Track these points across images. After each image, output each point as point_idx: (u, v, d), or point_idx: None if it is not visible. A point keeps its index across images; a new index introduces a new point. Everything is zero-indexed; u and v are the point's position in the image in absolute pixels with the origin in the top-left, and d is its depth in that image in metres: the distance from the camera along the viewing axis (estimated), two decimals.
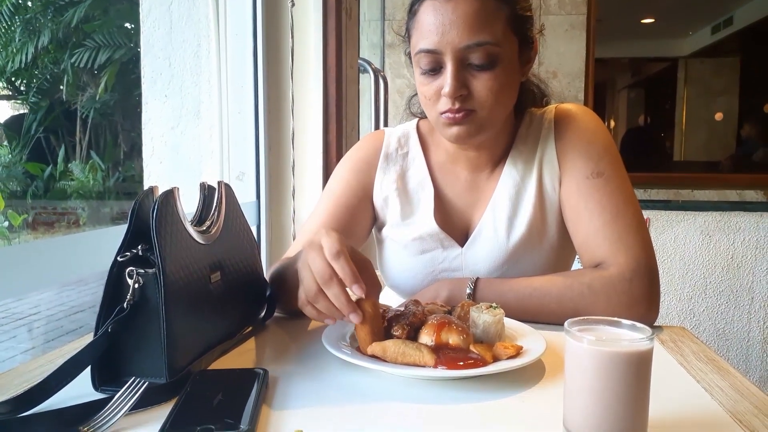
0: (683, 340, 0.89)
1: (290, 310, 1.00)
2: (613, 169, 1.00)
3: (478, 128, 0.97)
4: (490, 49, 0.93)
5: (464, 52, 0.93)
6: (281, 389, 0.69)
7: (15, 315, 4.95)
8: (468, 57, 0.93)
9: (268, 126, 1.74)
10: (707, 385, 0.71)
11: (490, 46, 0.92)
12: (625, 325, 0.60)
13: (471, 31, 0.91)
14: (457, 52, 0.93)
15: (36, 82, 10.05)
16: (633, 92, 5.95)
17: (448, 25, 0.92)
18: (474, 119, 0.96)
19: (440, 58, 0.94)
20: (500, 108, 0.98)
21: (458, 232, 1.09)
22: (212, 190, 0.86)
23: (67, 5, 9.58)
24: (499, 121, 1.01)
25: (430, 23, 0.94)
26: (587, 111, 1.08)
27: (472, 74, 0.94)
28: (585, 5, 3.08)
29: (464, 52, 0.93)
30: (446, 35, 0.92)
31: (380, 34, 3.15)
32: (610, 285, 0.93)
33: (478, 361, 0.71)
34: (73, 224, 8.79)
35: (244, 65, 1.71)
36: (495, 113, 0.97)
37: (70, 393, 0.65)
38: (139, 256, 0.69)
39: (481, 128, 0.98)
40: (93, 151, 9.93)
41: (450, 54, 0.93)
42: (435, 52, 0.94)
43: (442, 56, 0.94)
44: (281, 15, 1.76)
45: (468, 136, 0.98)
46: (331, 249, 0.73)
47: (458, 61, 0.93)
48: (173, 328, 0.68)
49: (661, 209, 2.91)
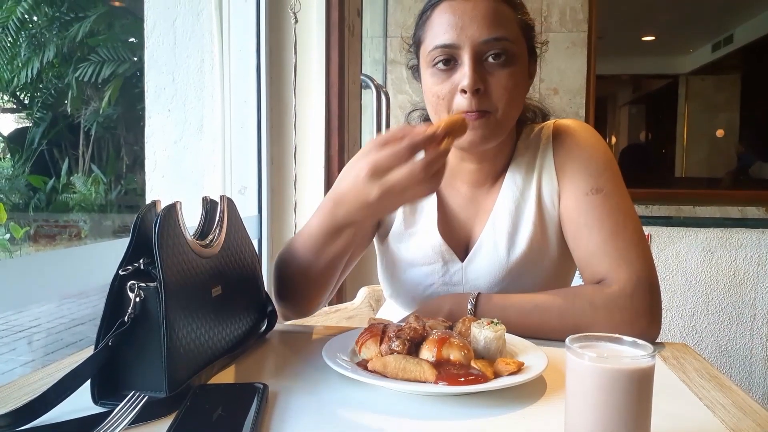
0: (685, 357, 0.89)
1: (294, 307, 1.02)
2: (612, 185, 1.00)
3: (492, 131, 0.97)
4: (507, 46, 0.94)
5: (483, 46, 0.94)
6: (281, 404, 0.69)
7: (15, 327, 4.94)
8: (485, 52, 0.94)
9: (270, 140, 1.75)
10: (709, 403, 0.71)
11: (508, 43, 0.94)
12: (626, 342, 0.60)
13: (490, 27, 0.93)
14: (476, 46, 0.93)
15: (40, 96, 10.12)
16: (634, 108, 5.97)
17: (467, 20, 0.94)
18: (489, 122, 0.95)
19: (457, 53, 0.95)
20: (513, 109, 0.99)
21: (459, 246, 1.09)
22: (214, 204, 0.87)
23: (73, 20, 9.67)
24: (509, 126, 1.01)
25: (448, 21, 0.95)
26: (585, 126, 1.08)
27: (489, 71, 0.95)
28: (586, 23, 3.11)
29: (483, 46, 0.94)
30: (465, 30, 0.94)
31: (383, 50, 3.18)
32: (612, 301, 0.92)
33: (479, 377, 0.71)
34: (75, 237, 8.80)
35: (247, 80, 1.72)
36: (509, 115, 0.98)
37: (69, 406, 0.65)
38: (140, 269, 0.69)
39: (495, 132, 0.97)
40: (95, 165, 9.97)
41: (469, 48, 0.93)
42: (453, 46, 0.94)
43: (459, 51, 0.94)
44: (284, 31, 1.78)
45: (482, 140, 0.97)
46: (372, 146, 0.77)
47: (477, 55, 0.94)
48: (174, 342, 0.68)
49: (662, 225, 2.91)
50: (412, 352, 0.76)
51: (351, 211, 0.83)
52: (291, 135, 1.80)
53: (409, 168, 0.75)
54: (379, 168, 0.76)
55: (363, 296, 1.56)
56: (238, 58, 1.72)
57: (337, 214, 0.86)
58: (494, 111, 0.95)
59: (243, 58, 1.72)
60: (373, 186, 0.77)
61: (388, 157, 0.75)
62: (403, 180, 0.75)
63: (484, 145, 0.99)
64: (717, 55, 5.24)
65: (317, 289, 1.02)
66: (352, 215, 0.84)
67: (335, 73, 1.83)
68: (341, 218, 0.86)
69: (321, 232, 0.91)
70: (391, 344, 0.76)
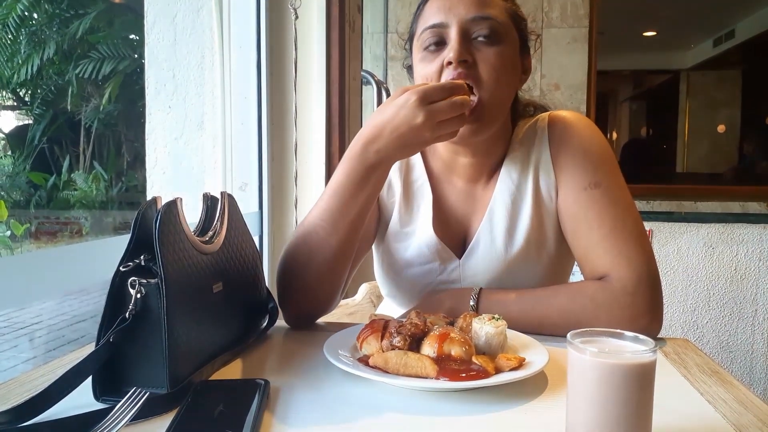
0: (687, 353, 0.89)
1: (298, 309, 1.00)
2: (610, 179, 0.99)
3: (480, 118, 0.96)
4: (494, 24, 0.96)
5: (470, 24, 0.96)
6: (282, 400, 0.69)
7: (17, 324, 4.95)
8: (473, 30, 0.96)
9: (271, 137, 1.74)
10: (711, 398, 0.71)
11: (495, 23, 0.96)
12: (627, 337, 0.59)
13: (478, 6, 0.97)
14: (463, 23, 0.96)
15: (41, 92, 10.11)
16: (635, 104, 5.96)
17: (456, 2, 0.97)
18: (475, 110, 0.95)
19: (446, 32, 0.97)
20: (501, 92, 0.98)
21: (455, 242, 1.08)
22: (215, 200, 0.87)
23: (73, 17, 9.65)
24: (498, 114, 1.00)
25: (438, 5, 0.98)
26: (581, 118, 1.07)
27: (476, 48, 0.96)
28: (587, 18, 3.10)
29: (470, 24, 0.96)
30: (453, 9, 0.97)
31: (383, 46, 3.17)
32: (613, 298, 0.92)
33: (480, 373, 0.71)
34: (76, 234, 8.80)
35: (248, 77, 1.72)
36: (496, 97, 0.97)
37: (71, 403, 0.65)
38: (141, 266, 0.69)
39: (484, 119, 0.96)
40: (96, 162, 9.97)
41: (456, 25, 0.96)
42: (441, 25, 0.97)
43: (447, 30, 0.97)
44: (285, 27, 1.77)
45: (472, 131, 0.96)
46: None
47: (464, 31, 0.96)
48: (175, 338, 0.68)
49: (663, 221, 2.91)
50: (414, 347, 0.76)
51: (389, 142, 0.86)
52: (292, 131, 1.80)
53: (450, 101, 0.83)
54: (428, 95, 0.83)
55: (364, 292, 1.56)
56: (239, 54, 1.72)
57: (368, 152, 0.87)
58: (480, 89, 0.95)
59: (243, 54, 1.72)
60: (420, 110, 0.83)
61: (435, 89, 0.84)
62: (447, 109, 0.83)
63: (473, 135, 0.98)
64: (718, 50, 5.23)
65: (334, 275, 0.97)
66: (387, 148, 0.86)
67: (336, 69, 1.83)
68: (373, 156, 0.87)
69: (348, 181, 0.90)
70: (393, 340, 0.76)
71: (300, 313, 1.01)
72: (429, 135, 0.84)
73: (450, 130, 0.86)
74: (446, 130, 0.85)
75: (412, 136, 0.84)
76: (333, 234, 0.92)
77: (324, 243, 0.93)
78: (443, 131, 0.85)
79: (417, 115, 0.82)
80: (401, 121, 0.83)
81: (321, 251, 0.93)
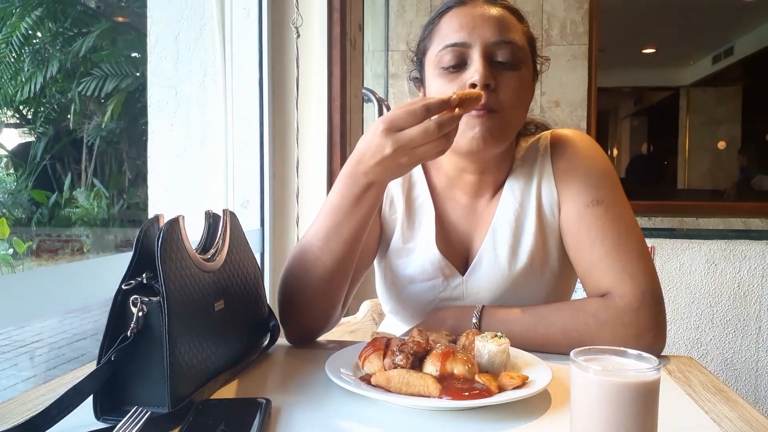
0: (691, 371, 0.88)
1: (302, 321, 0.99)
2: (612, 196, 1.00)
3: (497, 131, 0.96)
4: (516, 49, 0.97)
5: (493, 47, 0.96)
6: (284, 419, 0.69)
7: (17, 342, 4.93)
8: (496, 53, 0.96)
9: (272, 154, 1.75)
10: (716, 416, 0.70)
11: (517, 47, 0.97)
12: (631, 355, 0.59)
13: (501, 29, 0.96)
14: (487, 46, 0.95)
15: (43, 110, 10.17)
16: (636, 120, 5.98)
17: (479, 21, 0.96)
18: (495, 120, 0.95)
19: (467, 52, 0.96)
20: (519, 114, 1.00)
21: (458, 259, 1.08)
22: (217, 218, 0.87)
23: (76, 35, 9.73)
24: (513, 132, 1.02)
25: (459, 23, 0.97)
26: (583, 135, 1.07)
27: (498, 72, 0.96)
28: (587, 36, 3.12)
29: (493, 47, 0.96)
30: (477, 30, 0.96)
31: (384, 64, 3.19)
32: (617, 316, 0.92)
33: (483, 392, 0.71)
34: (77, 251, 8.81)
35: (250, 94, 1.73)
36: (514, 118, 0.98)
37: (71, 422, 0.64)
38: (143, 284, 0.69)
39: (500, 132, 0.96)
40: (98, 179, 10.00)
41: (479, 47, 0.95)
42: (464, 45, 0.96)
43: (470, 50, 0.96)
44: (287, 46, 1.79)
45: (486, 140, 0.95)
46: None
47: (487, 54, 0.95)
48: (176, 356, 0.68)
49: (665, 237, 2.90)
50: (416, 366, 0.75)
51: (371, 168, 0.84)
52: (293, 149, 1.81)
53: (422, 126, 0.79)
54: (395, 124, 0.80)
55: (366, 310, 1.56)
56: (241, 72, 1.73)
57: (358, 173, 0.86)
58: (501, 110, 0.95)
59: (245, 72, 1.73)
60: (387, 140, 0.80)
61: (404, 114, 0.80)
62: (417, 137, 0.79)
63: (488, 146, 0.96)
64: (717, 67, 5.26)
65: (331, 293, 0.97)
66: (373, 171, 0.85)
67: (337, 86, 1.84)
68: (362, 177, 0.86)
69: (342, 200, 0.89)
70: (395, 358, 0.76)
71: (300, 330, 1.01)
72: (406, 161, 0.82)
73: (432, 152, 0.81)
74: (428, 153, 0.81)
75: (388, 164, 0.82)
76: (327, 253, 0.92)
77: (318, 262, 0.93)
78: (424, 155, 0.81)
79: (385, 145, 0.80)
80: (375, 150, 0.82)
81: (315, 270, 0.93)
